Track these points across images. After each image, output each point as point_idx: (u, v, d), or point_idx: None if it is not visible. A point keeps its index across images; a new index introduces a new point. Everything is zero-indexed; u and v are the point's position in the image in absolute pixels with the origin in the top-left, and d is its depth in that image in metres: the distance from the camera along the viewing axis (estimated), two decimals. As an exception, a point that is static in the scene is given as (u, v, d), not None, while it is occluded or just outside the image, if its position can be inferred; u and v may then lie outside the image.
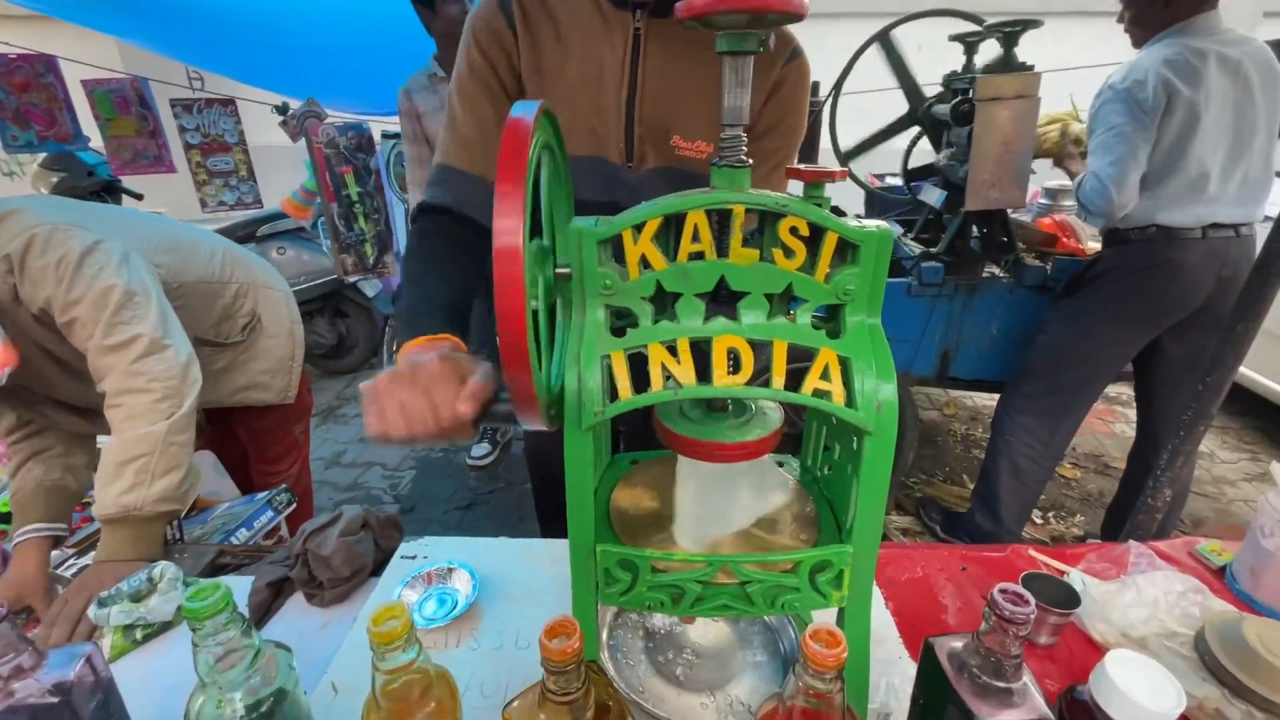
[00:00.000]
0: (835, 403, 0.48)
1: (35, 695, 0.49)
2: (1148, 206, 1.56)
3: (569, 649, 0.41)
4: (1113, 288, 1.64)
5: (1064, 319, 1.74)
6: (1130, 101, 1.49)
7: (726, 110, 0.48)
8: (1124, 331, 1.65)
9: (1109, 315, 1.65)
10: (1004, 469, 1.81)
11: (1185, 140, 1.51)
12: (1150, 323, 1.63)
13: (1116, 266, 1.63)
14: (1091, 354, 1.69)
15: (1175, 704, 0.44)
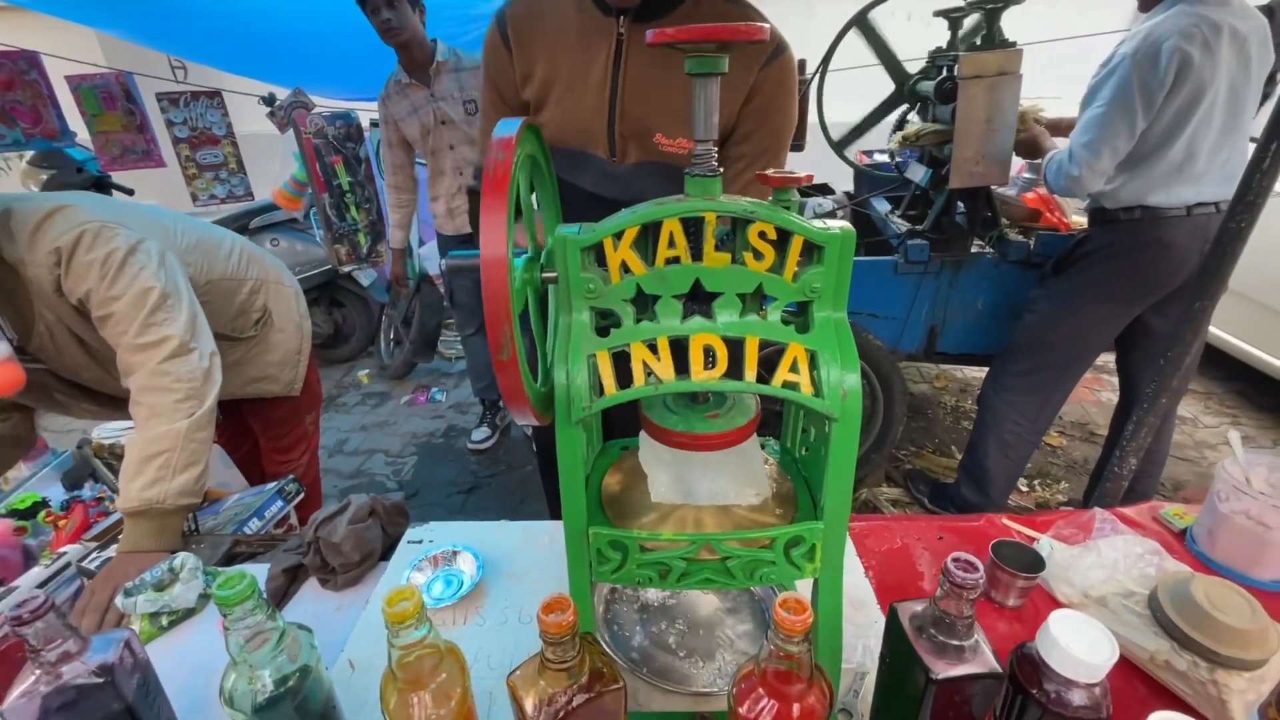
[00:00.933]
0: (803, 393, 0.53)
1: (82, 677, 0.54)
2: (1135, 187, 1.57)
3: (564, 623, 0.45)
4: (1100, 266, 1.66)
5: (1051, 298, 1.76)
6: (1136, 79, 1.46)
7: (697, 126, 0.52)
8: (1110, 309, 1.68)
9: (1096, 294, 1.68)
10: (990, 443, 1.87)
11: (1183, 121, 1.50)
12: (1136, 300, 1.66)
13: (1103, 246, 1.65)
14: (1078, 331, 1.73)
15: (1109, 656, 0.49)
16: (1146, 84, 1.47)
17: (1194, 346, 1.09)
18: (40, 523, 1.42)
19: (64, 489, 1.57)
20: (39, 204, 1.04)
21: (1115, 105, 1.50)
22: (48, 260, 1.01)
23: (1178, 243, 1.57)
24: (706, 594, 0.84)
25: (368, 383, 3.28)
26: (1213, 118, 1.51)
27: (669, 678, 0.72)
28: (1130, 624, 0.77)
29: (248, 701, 0.52)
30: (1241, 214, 1.01)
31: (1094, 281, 1.68)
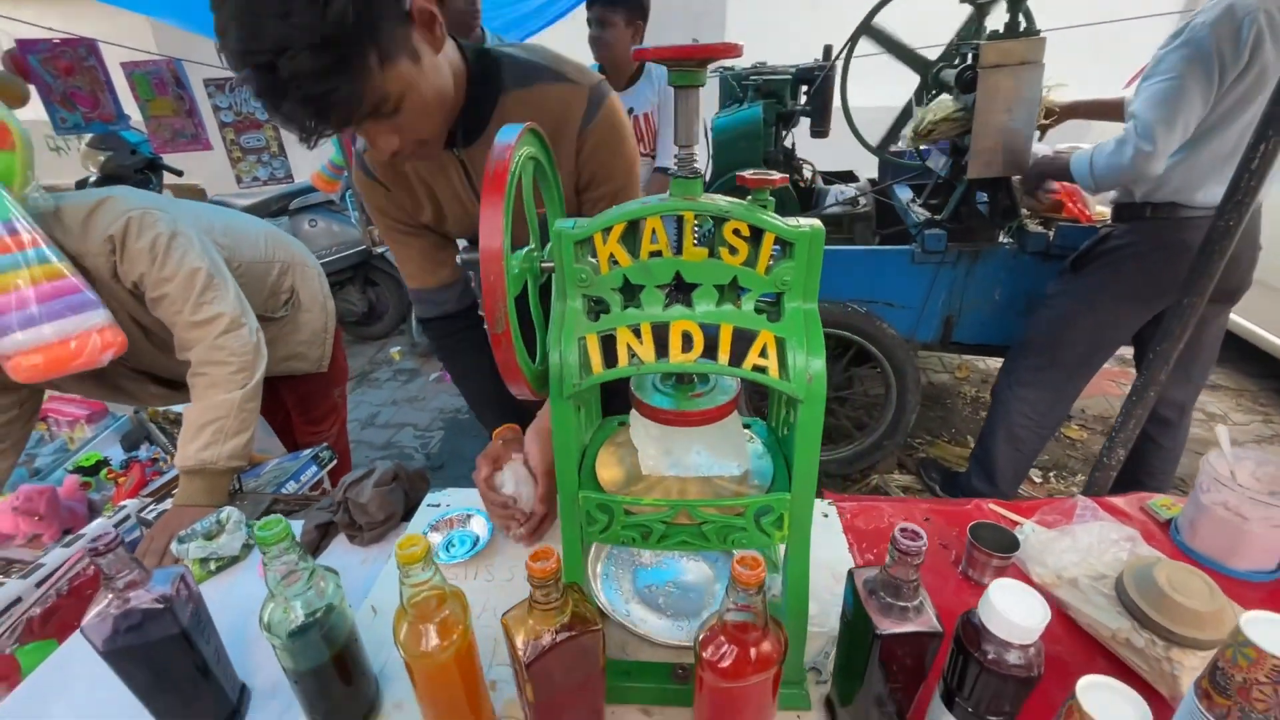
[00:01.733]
0: (771, 376, 0.58)
1: (145, 603, 0.63)
2: (1179, 178, 1.50)
3: (548, 569, 0.52)
4: (1121, 266, 1.63)
5: (1069, 294, 1.74)
6: (1216, 51, 1.37)
7: (679, 132, 0.57)
8: (1129, 308, 1.66)
9: (1116, 293, 1.65)
10: (1001, 437, 1.87)
11: (1242, 106, 1.43)
12: (1155, 300, 1.63)
13: (1127, 245, 1.62)
14: (1094, 330, 1.71)
15: (1041, 620, 0.54)
16: (1224, 56, 1.38)
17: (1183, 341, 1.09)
18: (103, 479, 1.56)
19: (123, 450, 1.71)
20: (83, 198, 1.12)
21: (1191, 76, 1.40)
22: (104, 249, 1.10)
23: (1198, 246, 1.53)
24: (696, 562, 0.91)
25: (399, 360, 3.41)
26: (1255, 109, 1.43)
27: (655, 633, 0.79)
28: (1097, 604, 0.81)
29: (283, 628, 0.60)
30: (1230, 213, 1.02)
31: (1113, 280, 1.65)
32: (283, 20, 0.61)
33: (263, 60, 0.62)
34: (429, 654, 0.57)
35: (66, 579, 0.98)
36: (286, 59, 0.62)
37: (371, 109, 0.70)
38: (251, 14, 0.61)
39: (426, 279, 1.08)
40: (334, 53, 0.63)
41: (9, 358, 0.87)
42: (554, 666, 0.55)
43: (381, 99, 0.71)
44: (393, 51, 0.69)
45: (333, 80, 0.65)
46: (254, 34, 0.61)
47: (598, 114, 0.89)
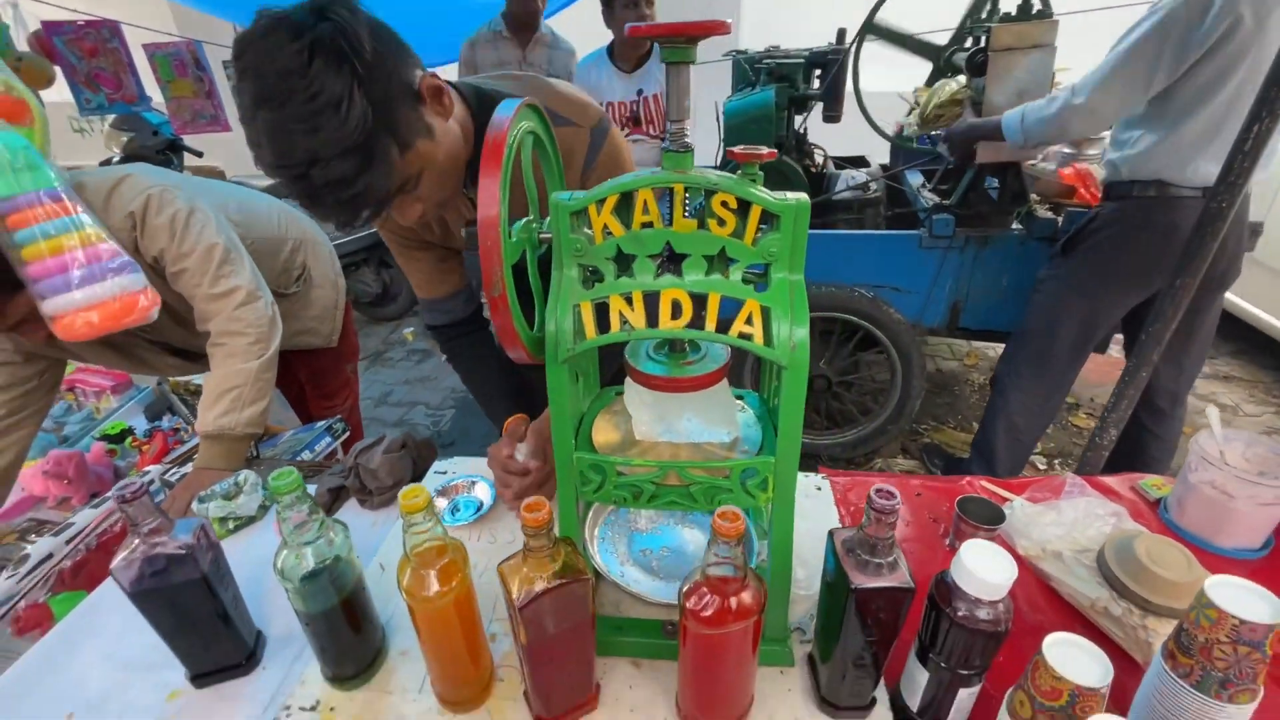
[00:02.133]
0: (756, 343, 0.61)
1: (169, 549, 0.68)
2: (1160, 155, 1.51)
3: (540, 518, 0.56)
4: (1107, 248, 1.63)
5: (1058, 278, 1.74)
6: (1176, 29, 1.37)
7: (671, 108, 0.60)
8: (1117, 290, 1.65)
9: (1103, 275, 1.65)
10: (1000, 425, 1.88)
11: (1216, 86, 1.43)
12: (1144, 284, 1.63)
13: (1112, 224, 1.62)
14: (1084, 313, 1.70)
15: (1008, 577, 0.57)
16: (1185, 36, 1.38)
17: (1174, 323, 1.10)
18: (127, 447, 1.63)
19: (146, 420, 1.78)
20: (103, 176, 1.16)
21: (1145, 42, 1.42)
22: (125, 224, 1.14)
23: (1188, 227, 1.48)
24: (690, 529, 0.94)
25: (412, 340, 3.47)
26: (1249, 95, 1.44)
27: (647, 592, 0.82)
28: (1078, 575, 0.83)
29: (295, 574, 0.64)
30: (1223, 194, 1.02)
31: (1101, 262, 1.64)
32: (311, 135, 0.66)
33: (297, 172, 0.68)
34: (430, 599, 0.61)
35: (95, 534, 1.03)
36: (318, 169, 0.68)
37: (396, 192, 0.76)
38: (283, 132, 0.67)
39: (434, 289, 1.13)
40: (359, 155, 0.69)
41: (63, 316, 0.92)
42: (545, 611, 0.58)
43: (405, 181, 0.76)
44: (410, 137, 0.74)
45: (361, 181, 0.70)
46: (286, 150, 0.67)
47: (599, 155, 0.92)
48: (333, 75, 0.66)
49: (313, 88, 0.65)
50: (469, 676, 0.68)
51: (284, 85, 0.65)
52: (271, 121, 0.67)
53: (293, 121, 0.66)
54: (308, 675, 0.74)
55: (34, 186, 0.96)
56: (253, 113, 0.67)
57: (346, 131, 0.67)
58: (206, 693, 0.76)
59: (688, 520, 0.96)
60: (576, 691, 0.67)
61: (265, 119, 0.67)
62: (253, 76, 0.66)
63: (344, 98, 0.66)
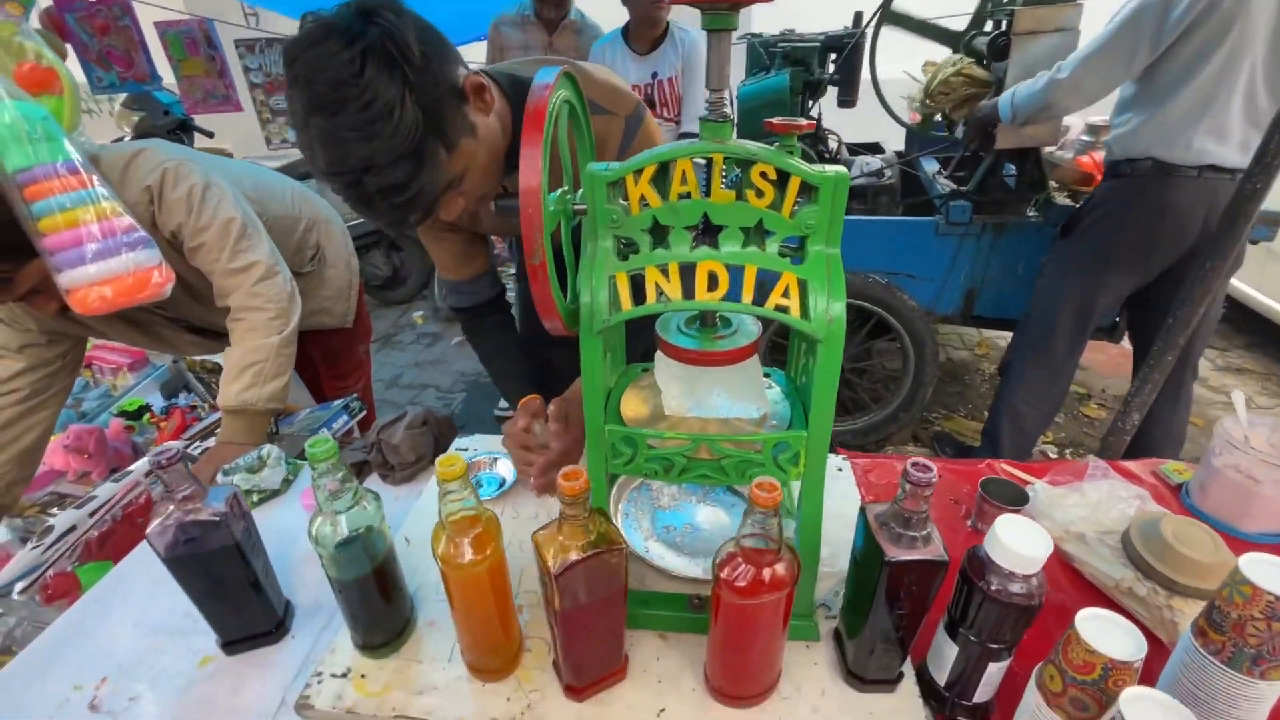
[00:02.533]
0: (792, 315, 0.61)
1: (203, 516, 0.69)
2: (1149, 132, 1.51)
3: (577, 487, 0.56)
4: (1102, 228, 1.61)
5: (1056, 262, 1.73)
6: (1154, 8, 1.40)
7: (711, 76, 0.59)
8: (1113, 272, 1.63)
9: (1098, 256, 1.64)
10: (1005, 414, 1.87)
11: (1200, 62, 1.42)
12: (1139, 265, 1.61)
13: (1106, 203, 1.60)
14: (1081, 296, 1.69)
15: (1044, 552, 0.57)
16: (1163, 15, 1.40)
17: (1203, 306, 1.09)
18: (145, 423, 1.64)
19: (162, 397, 1.79)
20: (119, 150, 1.16)
21: (1122, 28, 1.44)
22: (143, 199, 1.14)
23: (1181, 205, 1.50)
24: (711, 507, 0.95)
25: (422, 324, 3.48)
26: (1239, 70, 1.42)
27: (672, 567, 0.83)
28: (1102, 556, 0.83)
29: (330, 541, 0.65)
30: (1258, 176, 1.00)
31: (1095, 243, 1.62)
32: (366, 143, 0.67)
33: (350, 179, 0.69)
34: (465, 566, 0.61)
35: (120, 506, 1.04)
36: (371, 175, 0.68)
37: (443, 193, 0.77)
38: (336, 140, 0.67)
39: (460, 271, 1.13)
40: (411, 161, 0.70)
41: (77, 290, 0.92)
42: (579, 580, 0.59)
43: (451, 181, 0.76)
44: (456, 137, 0.75)
45: (414, 185, 0.71)
46: (339, 157, 0.68)
47: (633, 143, 0.91)
48: (384, 82, 0.66)
49: (365, 95, 0.65)
50: (499, 645, 0.69)
51: (337, 94, 0.65)
52: (325, 129, 0.67)
53: (346, 130, 0.66)
54: (338, 644, 0.75)
55: (51, 158, 0.96)
56: (305, 120, 0.68)
57: (400, 138, 0.67)
58: (237, 659, 0.77)
59: (709, 498, 0.97)
60: (607, 661, 0.68)
61: (318, 126, 0.67)
62: (304, 84, 0.66)
63: (396, 104, 0.66)
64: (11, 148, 0.91)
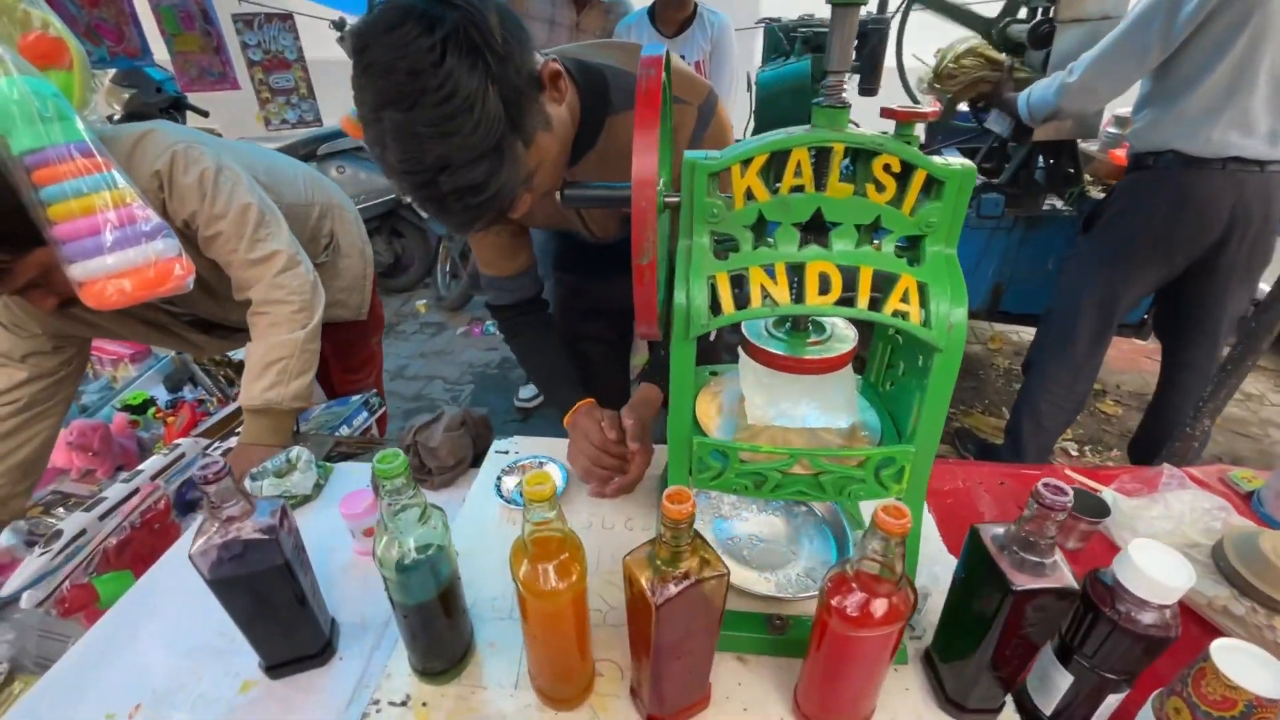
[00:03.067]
0: (912, 322, 0.55)
1: (250, 533, 0.63)
2: (1166, 127, 1.47)
3: (685, 510, 0.51)
4: (1123, 222, 1.57)
5: (1078, 257, 1.69)
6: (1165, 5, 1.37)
7: (833, 55, 0.53)
8: (1135, 265, 1.59)
9: (1119, 249, 1.60)
10: (1026, 412, 1.83)
11: (1218, 55, 1.38)
12: (1162, 260, 1.56)
13: (1126, 196, 1.57)
14: (1104, 290, 1.64)
15: (1185, 582, 0.53)
16: (1174, 12, 1.36)
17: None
18: (150, 418, 1.57)
19: (166, 390, 1.72)
20: (125, 131, 1.07)
21: (1132, 28, 1.41)
22: (151, 184, 1.05)
23: (1204, 197, 1.46)
24: (772, 515, 0.90)
25: (425, 312, 3.39)
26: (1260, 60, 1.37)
27: (744, 583, 0.78)
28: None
29: (397, 563, 0.59)
30: None
31: (1116, 236, 1.58)
32: (444, 141, 0.61)
33: (424, 179, 0.63)
34: (548, 593, 0.56)
35: (139, 512, 0.98)
36: (447, 175, 0.63)
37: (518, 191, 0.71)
38: (412, 135, 0.61)
39: (503, 267, 1.06)
40: (491, 159, 0.64)
41: (94, 282, 0.84)
42: (681, 610, 0.54)
43: (525, 178, 0.71)
44: (533, 132, 0.69)
45: (492, 185, 0.65)
46: (414, 155, 0.62)
47: (705, 134, 0.86)
48: (466, 73, 0.60)
49: (445, 88, 0.59)
50: (575, 672, 0.64)
51: (414, 85, 0.59)
52: (399, 124, 0.60)
53: (423, 125, 0.60)
54: (393, 667, 0.70)
55: (64, 139, 0.88)
56: (377, 113, 0.61)
57: (480, 135, 0.62)
58: (282, 684, 0.71)
59: (770, 506, 0.92)
60: (693, 690, 0.63)
61: (392, 120, 0.60)
62: (379, 74, 0.60)
63: (478, 98, 0.60)
64: (20, 127, 0.83)
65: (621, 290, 1.23)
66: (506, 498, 0.93)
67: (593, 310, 1.27)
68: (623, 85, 0.84)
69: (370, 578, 0.84)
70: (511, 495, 0.93)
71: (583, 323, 1.27)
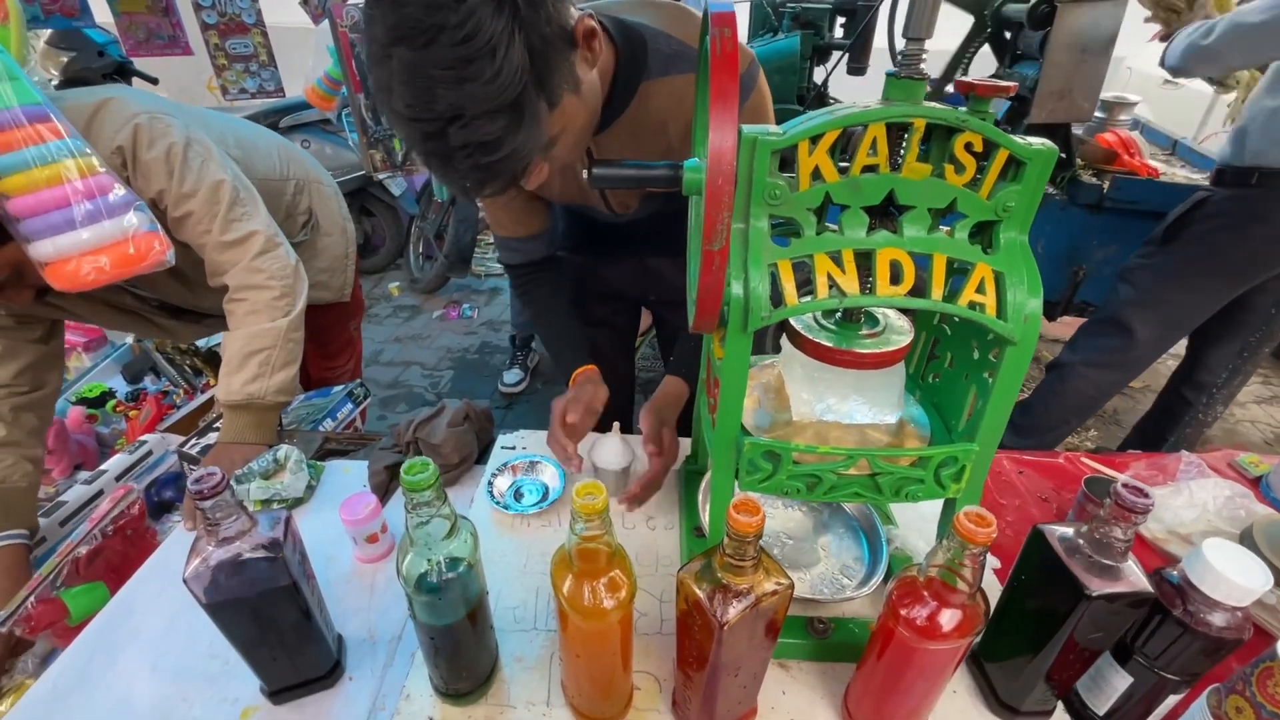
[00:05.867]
0: (988, 314, 0.52)
1: (251, 550, 0.56)
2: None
3: (755, 523, 0.46)
4: (1216, 239, 1.47)
5: (1156, 269, 1.57)
6: None
7: (912, 22, 0.48)
8: (1220, 286, 1.52)
9: (1208, 269, 1.50)
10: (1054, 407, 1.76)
11: None
12: (1249, 280, 1.49)
13: (1223, 214, 1.46)
14: (1180, 310, 1.56)
15: (1264, 584, 0.51)
16: None
17: None
18: (109, 412, 1.45)
19: (125, 381, 1.59)
20: (83, 98, 0.95)
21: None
22: (114, 161, 0.93)
23: None
24: (792, 509, 0.86)
25: (398, 295, 3.26)
26: None
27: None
28: (1218, 561, 0.79)
29: (425, 583, 0.54)
30: None
31: (1207, 255, 1.49)
32: (457, 86, 0.54)
33: (432, 128, 0.56)
34: (596, 612, 0.51)
35: (110, 519, 0.89)
36: (458, 127, 0.56)
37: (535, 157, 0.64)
38: (423, 77, 0.54)
39: (517, 229, 0.99)
40: (509, 114, 0.57)
41: (66, 261, 0.75)
42: (745, 628, 0.50)
43: (545, 145, 0.63)
44: (560, 92, 0.61)
45: (506, 145, 0.58)
46: (425, 100, 0.55)
47: (745, 105, 0.78)
48: (491, 13, 0.52)
49: (466, 26, 0.52)
50: (617, 690, 0.60)
51: (431, 20, 0.52)
52: (410, 63, 0.53)
53: (437, 66, 0.53)
54: (411, 687, 0.64)
55: (17, 101, 0.78)
56: (386, 49, 0.54)
57: (499, 85, 0.54)
58: (288, 709, 0.65)
59: (793, 500, 0.89)
60: (744, 703, 0.60)
61: (402, 59, 0.53)
62: (391, 3, 0.52)
63: (501, 43, 0.53)
64: (-43, 87, 0.73)
65: (634, 273, 1.18)
66: (500, 501, 0.88)
67: (601, 294, 1.21)
68: (661, 48, 0.77)
69: (376, 587, 0.78)
70: (505, 499, 0.88)
71: (591, 306, 1.21)
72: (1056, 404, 1.78)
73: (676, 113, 0.78)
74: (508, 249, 1.01)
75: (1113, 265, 1.88)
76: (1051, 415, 1.80)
